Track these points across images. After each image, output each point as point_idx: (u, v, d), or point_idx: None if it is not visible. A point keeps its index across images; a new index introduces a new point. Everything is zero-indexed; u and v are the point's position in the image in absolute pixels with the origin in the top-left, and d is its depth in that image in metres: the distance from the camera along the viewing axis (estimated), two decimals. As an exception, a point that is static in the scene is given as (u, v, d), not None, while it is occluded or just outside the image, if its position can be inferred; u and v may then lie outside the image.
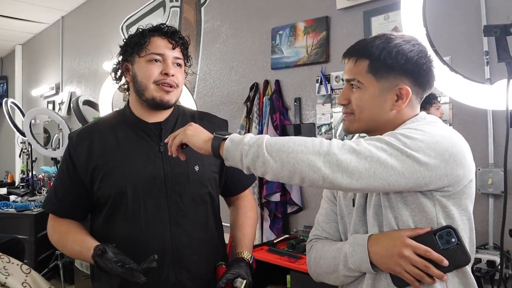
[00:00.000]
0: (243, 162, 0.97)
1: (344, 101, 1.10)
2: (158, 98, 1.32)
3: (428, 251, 0.95)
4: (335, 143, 0.93)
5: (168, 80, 1.32)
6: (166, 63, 1.33)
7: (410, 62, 1.03)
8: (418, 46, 1.05)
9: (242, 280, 1.27)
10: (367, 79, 1.05)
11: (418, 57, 1.03)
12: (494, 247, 1.95)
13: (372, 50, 1.04)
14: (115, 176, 1.31)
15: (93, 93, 4.94)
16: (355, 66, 1.07)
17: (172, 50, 1.34)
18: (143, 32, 1.35)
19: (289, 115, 2.89)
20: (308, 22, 2.77)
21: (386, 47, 1.03)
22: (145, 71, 1.32)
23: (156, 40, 1.34)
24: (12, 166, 6.69)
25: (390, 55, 1.03)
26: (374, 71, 1.04)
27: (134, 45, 1.33)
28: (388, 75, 1.03)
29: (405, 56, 1.03)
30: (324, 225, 1.18)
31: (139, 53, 1.32)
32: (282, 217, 2.80)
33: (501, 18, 1.90)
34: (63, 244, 1.34)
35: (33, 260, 3.84)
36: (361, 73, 1.06)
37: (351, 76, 1.08)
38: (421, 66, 1.04)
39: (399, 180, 0.91)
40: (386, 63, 1.03)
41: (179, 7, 3.84)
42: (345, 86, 1.11)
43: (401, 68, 1.03)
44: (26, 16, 5.65)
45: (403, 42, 1.04)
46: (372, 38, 1.08)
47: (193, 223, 1.34)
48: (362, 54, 1.06)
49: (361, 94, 1.06)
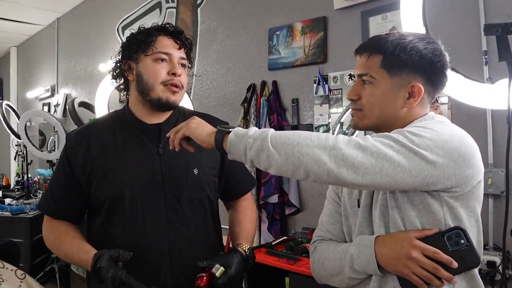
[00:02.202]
0: (247, 155, 0.96)
1: (354, 96, 1.07)
2: (164, 99, 1.30)
3: (437, 252, 0.93)
4: (341, 138, 0.91)
5: (175, 80, 1.30)
6: (172, 63, 1.31)
7: (424, 59, 1.01)
8: (433, 44, 1.03)
9: (218, 267, 1.21)
10: (380, 74, 1.03)
11: (433, 55, 1.01)
12: (494, 247, 1.95)
13: (387, 45, 1.02)
14: (112, 178, 1.29)
15: (89, 95, 4.91)
16: (368, 61, 1.05)
17: (179, 50, 1.33)
18: (149, 31, 1.32)
19: (287, 116, 2.87)
20: (305, 22, 2.76)
21: (401, 43, 1.02)
22: (152, 70, 1.29)
23: (163, 39, 1.31)
24: (7, 169, 6.65)
25: (405, 51, 1.01)
26: (388, 66, 1.02)
27: (140, 43, 1.31)
28: (402, 71, 1.01)
29: (419, 53, 1.01)
30: (328, 226, 1.16)
31: (146, 51, 1.29)
32: (280, 219, 2.79)
33: (500, 18, 1.90)
34: (59, 247, 1.31)
35: (29, 263, 3.80)
36: (374, 68, 1.03)
37: (364, 71, 1.05)
38: (435, 64, 1.02)
39: (406, 177, 0.89)
40: (400, 59, 1.01)
41: (175, 8, 3.83)
42: (356, 81, 1.09)
43: (415, 65, 1.01)
44: (21, 17, 5.61)
45: (418, 40, 1.02)
46: (386, 35, 1.06)
47: (191, 227, 1.32)
48: (375, 49, 1.04)
49: (373, 89, 1.04)
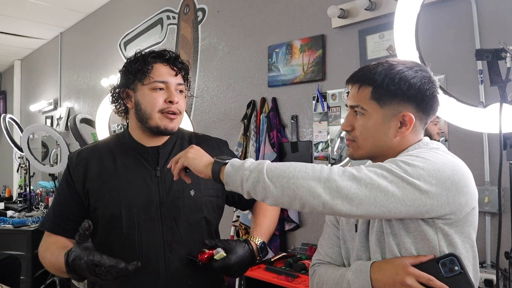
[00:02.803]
0: (243, 187, 0.97)
1: (348, 127, 1.10)
2: (162, 126, 1.32)
3: (431, 279, 0.94)
4: (336, 170, 0.92)
5: (172, 108, 1.32)
6: (169, 91, 1.32)
7: (413, 88, 1.02)
8: (421, 72, 1.05)
9: (220, 251, 1.25)
10: (371, 105, 1.05)
11: (421, 83, 1.03)
12: (492, 265, 1.95)
13: (375, 77, 1.04)
14: (110, 198, 1.31)
15: (91, 109, 4.96)
16: (359, 92, 1.07)
17: (175, 77, 1.34)
18: (144, 59, 1.33)
19: (286, 132, 2.90)
20: (304, 40, 2.80)
21: (389, 73, 1.03)
22: (150, 100, 1.31)
23: (159, 67, 1.32)
24: (10, 181, 6.68)
25: (393, 81, 1.02)
26: (377, 98, 1.04)
27: (137, 72, 1.31)
28: (391, 101, 1.03)
29: (408, 82, 1.02)
30: (326, 249, 1.18)
31: (143, 81, 1.31)
32: (279, 235, 2.80)
33: (494, 37, 1.93)
34: (45, 257, 1.31)
35: (30, 276, 3.82)
36: (365, 99, 1.05)
37: (355, 103, 1.08)
38: (425, 92, 1.03)
39: (400, 207, 0.90)
40: (389, 90, 1.03)
41: (176, 25, 3.88)
42: (349, 112, 1.11)
43: (404, 95, 1.02)
44: (25, 32, 5.70)
45: (406, 69, 1.04)
46: (375, 65, 1.08)
47: (188, 248, 1.33)
48: (365, 80, 1.06)
49: (365, 121, 1.06)
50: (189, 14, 3.72)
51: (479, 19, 2.03)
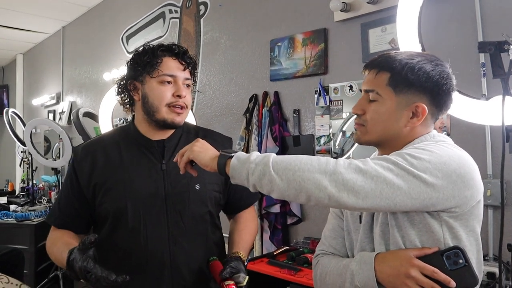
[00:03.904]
0: (249, 180, 0.97)
1: (359, 111, 1.10)
2: (169, 120, 1.32)
3: (435, 271, 0.95)
4: (341, 162, 0.93)
5: (180, 102, 1.32)
6: (177, 85, 1.32)
7: (430, 80, 1.02)
8: (441, 66, 1.05)
9: (244, 275, 1.24)
10: (386, 92, 1.05)
11: (440, 77, 1.03)
12: (494, 258, 1.95)
13: (395, 64, 1.04)
14: (116, 193, 1.32)
15: (94, 103, 4.97)
16: (376, 77, 1.07)
17: (183, 71, 1.34)
18: (154, 51, 1.33)
19: (288, 126, 2.90)
20: (307, 34, 2.79)
21: (409, 62, 1.03)
22: (158, 93, 1.31)
23: (168, 61, 1.32)
24: (12, 175, 6.71)
25: (412, 71, 1.03)
26: (394, 85, 1.04)
27: (146, 64, 1.31)
28: (408, 90, 1.03)
29: (426, 74, 1.02)
30: (330, 240, 1.18)
31: (151, 74, 1.31)
32: (282, 229, 2.81)
33: (497, 30, 1.92)
34: (52, 252, 1.33)
35: (33, 270, 3.83)
36: (381, 85, 1.06)
37: (370, 87, 1.08)
38: (441, 86, 1.03)
39: (406, 200, 0.91)
40: (407, 79, 1.03)
41: (178, 19, 3.87)
42: (362, 96, 1.11)
43: (421, 86, 1.03)
44: (28, 26, 5.69)
45: (426, 61, 1.04)
46: (395, 53, 1.08)
47: (192, 241, 1.34)
48: (384, 66, 1.06)
49: (378, 106, 1.06)
50: (191, 8, 3.72)
51: (481, 11, 2.02)
